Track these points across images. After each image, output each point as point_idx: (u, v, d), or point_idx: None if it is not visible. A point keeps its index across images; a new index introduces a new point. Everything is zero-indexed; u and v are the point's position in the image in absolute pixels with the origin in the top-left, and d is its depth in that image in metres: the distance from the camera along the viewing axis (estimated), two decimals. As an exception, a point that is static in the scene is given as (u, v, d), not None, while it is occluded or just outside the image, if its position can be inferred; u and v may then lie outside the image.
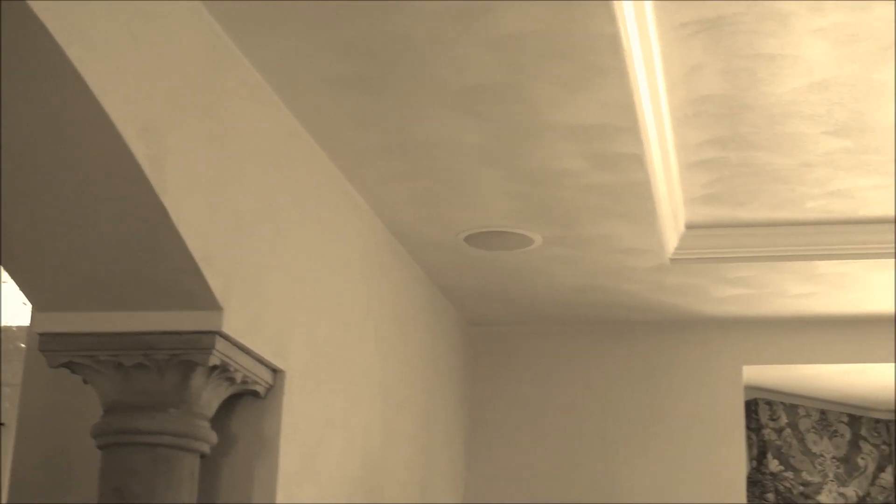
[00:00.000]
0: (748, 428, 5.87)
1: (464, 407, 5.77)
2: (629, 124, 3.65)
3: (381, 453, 4.46)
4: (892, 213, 4.69)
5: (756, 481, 5.83)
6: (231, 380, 3.22)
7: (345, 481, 4.04)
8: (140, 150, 2.66)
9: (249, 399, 3.42)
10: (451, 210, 4.41)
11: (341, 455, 4.02)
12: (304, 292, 3.71)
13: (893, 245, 4.83)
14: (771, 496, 5.81)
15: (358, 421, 4.21)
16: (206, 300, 3.04)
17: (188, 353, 3.07)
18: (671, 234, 4.79)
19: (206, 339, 3.08)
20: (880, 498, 6.07)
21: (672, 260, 4.97)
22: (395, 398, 4.67)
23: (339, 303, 4.06)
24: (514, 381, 5.84)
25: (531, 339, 5.88)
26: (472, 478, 5.72)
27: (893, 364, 5.64)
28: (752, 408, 5.93)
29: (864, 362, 5.66)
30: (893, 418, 6.24)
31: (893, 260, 4.90)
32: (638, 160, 3.94)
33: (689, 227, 4.88)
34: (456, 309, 5.63)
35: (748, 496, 5.72)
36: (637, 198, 4.27)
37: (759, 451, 5.91)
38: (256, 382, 3.36)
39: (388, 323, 4.62)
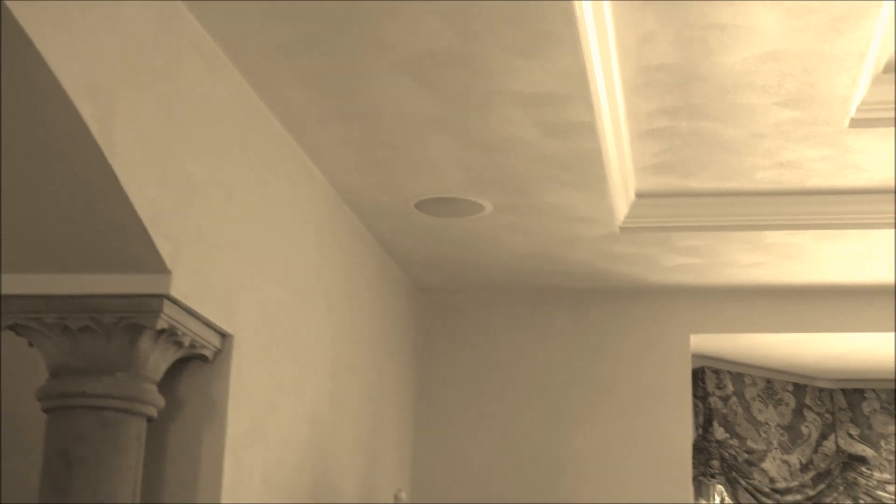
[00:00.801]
0: (695, 396, 5.92)
1: (413, 373, 5.78)
2: (581, 93, 3.66)
3: (330, 418, 4.46)
4: (841, 185, 4.73)
5: (701, 449, 5.88)
6: (179, 344, 3.21)
7: (293, 446, 4.04)
8: (88, 112, 2.63)
9: (198, 363, 3.41)
10: (402, 177, 4.40)
11: (290, 420, 4.02)
12: (254, 257, 3.70)
13: (841, 216, 4.88)
14: (716, 463, 5.87)
15: (307, 386, 4.21)
16: (155, 263, 3.02)
17: (136, 317, 3.05)
18: (621, 202, 4.81)
19: (153, 302, 3.06)
20: (823, 465, 6.15)
21: (622, 228, 4.99)
22: (345, 363, 4.67)
23: (289, 268, 4.05)
24: (463, 348, 5.86)
25: (481, 306, 5.89)
26: (420, 443, 5.74)
27: (839, 333, 5.71)
28: (699, 376, 5.98)
29: (811, 332, 5.72)
30: (837, 387, 6.31)
31: (841, 231, 4.95)
32: (589, 129, 3.94)
33: (640, 195, 4.90)
34: (406, 275, 5.63)
35: (693, 463, 5.77)
36: (588, 166, 4.28)
37: (704, 419, 5.96)
38: (205, 346, 3.34)
39: (338, 289, 4.62)
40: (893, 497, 6.09)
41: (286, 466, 3.96)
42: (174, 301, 3.10)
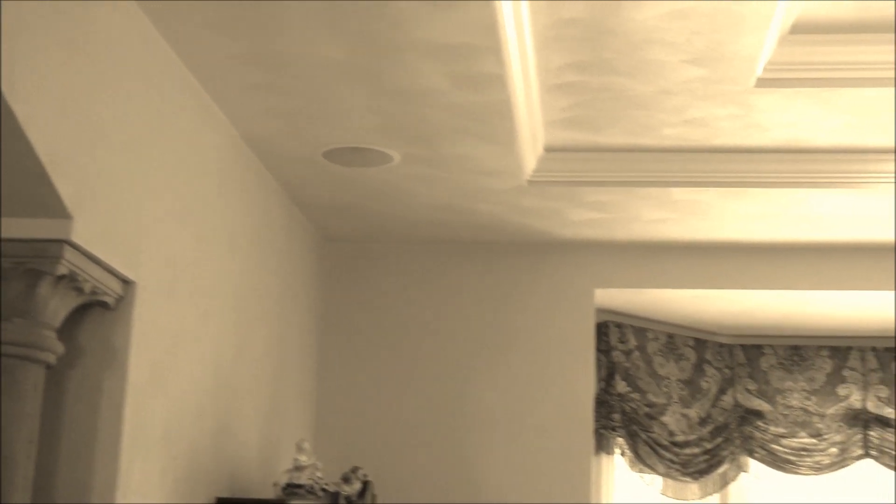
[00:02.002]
0: (598, 350, 5.98)
1: (318, 323, 5.76)
2: (492, 45, 3.64)
3: (234, 367, 4.43)
4: (746, 143, 4.78)
5: (603, 402, 5.95)
6: (79, 290, 3.15)
7: (195, 394, 4.01)
8: (-14, 50, 2.56)
9: (99, 310, 3.36)
10: (311, 125, 4.36)
11: (192, 368, 3.98)
12: (158, 203, 3.64)
13: (746, 174, 4.94)
14: (617, 416, 5.94)
15: (210, 334, 4.17)
16: (55, 208, 2.96)
17: (35, 262, 2.99)
18: (530, 156, 4.82)
19: (53, 247, 3.00)
20: (721, 419, 6.25)
21: (530, 182, 5.00)
22: (249, 312, 4.63)
23: (194, 215, 3.99)
24: (369, 298, 5.85)
25: (388, 256, 5.88)
26: (324, 393, 5.73)
27: (740, 290, 5.79)
28: (602, 330, 6.04)
29: (713, 288, 5.80)
30: (737, 343, 6.41)
31: (746, 189, 5.01)
32: (499, 81, 3.93)
33: (548, 149, 4.91)
34: (313, 225, 5.59)
35: (595, 416, 5.84)
36: (497, 119, 4.27)
37: (607, 373, 6.03)
38: (106, 293, 3.29)
39: (244, 237, 4.57)
40: (788, 451, 6.21)
41: (187, 415, 3.93)
42: (75, 246, 3.04)
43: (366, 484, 4.77)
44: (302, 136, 4.47)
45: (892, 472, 6.21)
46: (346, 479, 4.78)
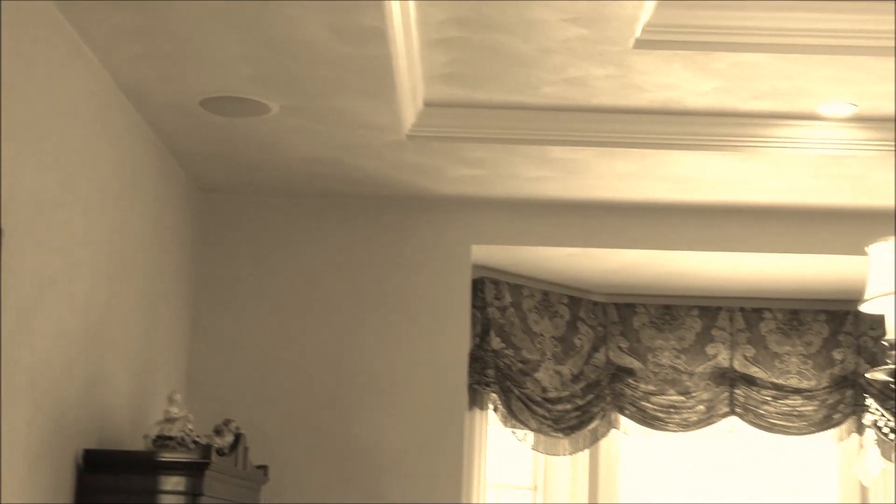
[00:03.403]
0: (473, 306, 6.00)
1: (193, 274, 5.68)
2: (373, -4, 3.61)
3: (104, 317, 4.35)
4: (624, 104, 4.83)
5: (478, 358, 5.99)
6: (-59, 236, 3.06)
7: (64, 345, 3.93)
8: None
9: (-39, 257, 3.27)
10: (187, 72, 4.28)
11: (61, 318, 3.90)
12: (26, 148, 3.54)
13: (623, 135, 4.99)
14: (491, 372, 5.99)
15: (80, 283, 4.09)
16: (-85, 150, 2.87)
17: None
18: (409, 111, 4.80)
19: (-87, 191, 2.90)
20: (593, 376, 6.34)
21: (409, 137, 4.99)
22: (121, 262, 4.55)
23: (63, 161, 3.90)
24: (246, 251, 5.78)
25: (265, 208, 5.82)
26: (197, 345, 5.66)
27: (615, 249, 5.86)
28: (478, 286, 6.06)
29: (588, 247, 5.86)
30: (610, 301, 6.50)
31: (622, 149, 5.06)
32: (380, 34, 3.90)
33: (428, 104, 4.90)
34: (189, 175, 5.51)
35: (469, 372, 5.88)
36: (377, 72, 4.24)
37: (482, 329, 6.06)
38: (-31, 240, 3.20)
39: (115, 184, 4.48)
40: (657, 408, 6.33)
41: (55, 365, 3.86)
42: (-64, 191, 2.95)
43: (238, 437, 4.74)
44: (178, 83, 4.38)
45: (756, 430, 6.37)
46: (217, 432, 4.74)
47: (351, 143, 5.05)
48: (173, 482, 4.20)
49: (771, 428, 6.36)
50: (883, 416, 2.95)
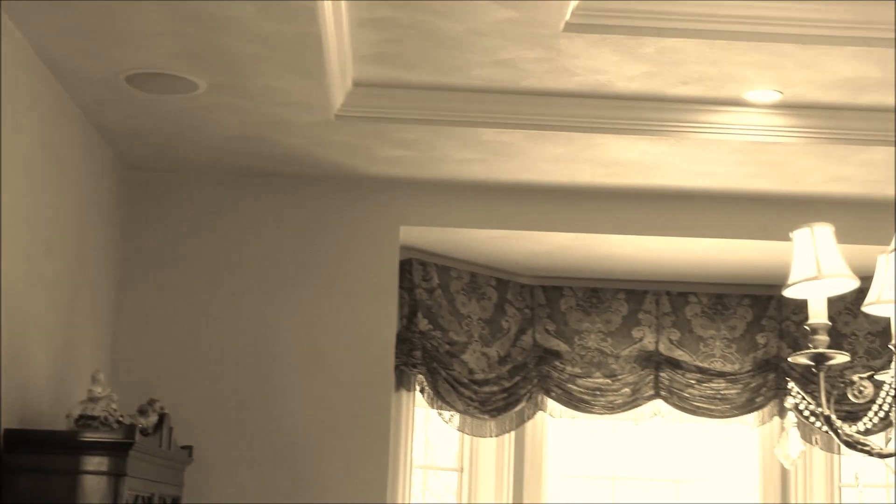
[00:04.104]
0: (401, 287, 6.00)
1: (117, 251, 5.61)
2: (302, -26, 3.58)
3: (25, 295, 4.29)
4: (553, 87, 4.83)
5: (405, 339, 5.98)
6: None
7: (-17, 323, 3.87)
8: None
9: None
10: (111, 47, 4.21)
11: (-20, 296, 3.84)
12: (-55, 122, 3.48)
13: (552, 118, 5.00)
14: (418, 354, 5.99)
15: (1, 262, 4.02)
16: None
17: None
18: (338, 90, 4.78)
19: None
20: (520, 358, 6.37)
21: (338, 117, 4.96)
22: (43, 238, 4.48)
23: (-16, 136, 3.83)
24: (172, 229, 5.72)
25: (192, 186, 5.76)
26: (122, 325, 5.60)
27: (543, 232, 5.88)
28: (406, 268, 6.06)
29: (516, 229, 5.87)
30: (538, 284, 6.52)
31: (551, 132, 5.07)
32: (309, 12, 3.87)
33: (357, 84, 4.88)
34: (113, 151, 5.43)
35: (396, 353, 5.87)
36: (306, 51, 4.21)
37: (409, 310, 6.06)
38: None
39: (38, 161, 4.41)
40: (583, 390, 6.36)
41: (-26, 344, 3.79)
42: None
43: (162, 417, 4.71)
44: (102, 57, 4.32)
45: (680, 413, 6.43)
46: (142, 412, 4.70)
47: (279, 122, 5.01)
48: (96, 462, 4.16)
49: (695, 411, 6.43)
50: (804, 399, 2.99)
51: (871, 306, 3.28)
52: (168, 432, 4.82)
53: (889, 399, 3.02)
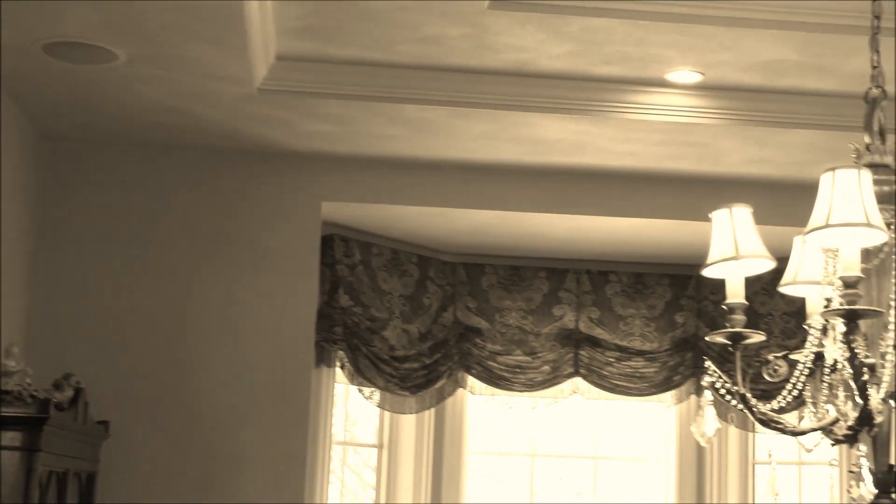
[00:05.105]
0: (322, 263, 5.97)
1: (33, 223, 5.51)
2: (225, -56, 3.54)
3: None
4: (477, 64, 4.83)
5: (326, 315, 5.96)
6: None
7: None
8: None
9: None
10: (27, 14, 4.13)
11: None
12: None
13: (476, 95, 5.00)
14: (339, 330, 5.96)
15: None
16: None
17: None
18: (261, 63, 4.73)
19: None
20: (440, 335, 6.37)
21: (260, 90, 4.92)
22: (-43, 210, 4.40)
23: None
24: (90, 201, 5.64)
25: (111, 158, 5.68)
26: (37, 298, 5.51)
27: (465, 210, 5.88)
28: (327, 243, 6.03)
29: (439, 206, 5.87)
30: (460, 261, 6.53)
31: (475, 109, 5.07)
32: (232, -17, 3.83)
33: (280, 58, 4.84)
34: (30, 122, 5.34)
35: (317, 329, 5.85)
36: (229, 23, 4.17)
37: (330, 286, 6.03)
38: None
39: (-47, 130, 4.32)
40: (503, 367, 6.39)
41: None
42: None
43: (78, 391, 4.66)
44: (19, 25, 4.23)
45: (599, 391, 6.49)
46: (57, 386, 4.65)
47: (200, 94, 4.95)
48: (10, 437, 4.11)
49: (613, 389, 6.49)
50: (720, 378, 3.02)
51: (786, 287, 3.33)
52: (83, 407, 4.77)
53: (802, 378, 3.07)
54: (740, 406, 3.04)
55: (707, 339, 3.24)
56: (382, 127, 5.33)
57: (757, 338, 3.07)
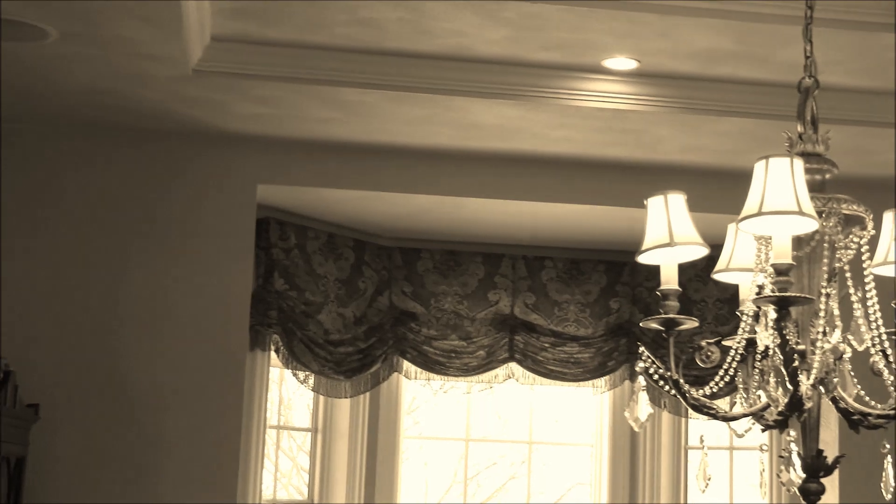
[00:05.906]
0: (257, 246, 5.93)
1: (-37, 205, 5.44)
2: (159, -77, 3.49)
3: None
4: (415, 48, 4.82)
5: (261, 298, 5.92)
6: None
7: None
8: None
9: None
10: (-42, -9, 4.06)
11: None
12: None
13: (413, 79, 4.99)
14: (274, 313, 5.93)
15: None
16: None
17: None
18: (196, 44, 4.68)
19: None
20: (376, 320, 6.36)
21: (195, 71, 4.87)
22: None
23: None
24: (18, 182, 5.54)
25: (41, 139, 5.60)
26: (-34, 279, 5.44)
27: (402, 194, 5.87)
28: (263, 227, 5.99)
29: (375, 190, 5.85)
30: (396, 246, 6.52)
31: (412, 94, 5.06)
32: (166, -38, 3.79)
33: (216, 39, 4.79)
34: (-40, 100, 5.25)
35: (251, 313, 5.81)
36: (163, 2, 4.11)
37: (265, 270, 5.99)
38: None
39: None
40: (438, 352, 6.39)
41: None
42: None
43: (7, 374, 4.60)
44: (-53, 2, 4.16)
45: (534, 376, 6.51)
46: (-15, 369, 4.58)
47: (134, 74, 4.89)
48: (-65, 421, 4.04)
49: (548, 374, 6.51)
50: (654, 363, 3.04)
51: (720, 273, 3.36)
52: (13, 390, 4.71)
53: (734, 364, 3.10)
54: (673, 392, 3.06)
55: (641, 324, 3.26)
56: (319, 110, 5.30)
57: (690, 324, 3.10)
